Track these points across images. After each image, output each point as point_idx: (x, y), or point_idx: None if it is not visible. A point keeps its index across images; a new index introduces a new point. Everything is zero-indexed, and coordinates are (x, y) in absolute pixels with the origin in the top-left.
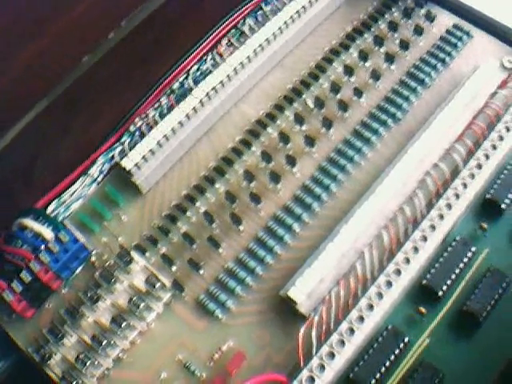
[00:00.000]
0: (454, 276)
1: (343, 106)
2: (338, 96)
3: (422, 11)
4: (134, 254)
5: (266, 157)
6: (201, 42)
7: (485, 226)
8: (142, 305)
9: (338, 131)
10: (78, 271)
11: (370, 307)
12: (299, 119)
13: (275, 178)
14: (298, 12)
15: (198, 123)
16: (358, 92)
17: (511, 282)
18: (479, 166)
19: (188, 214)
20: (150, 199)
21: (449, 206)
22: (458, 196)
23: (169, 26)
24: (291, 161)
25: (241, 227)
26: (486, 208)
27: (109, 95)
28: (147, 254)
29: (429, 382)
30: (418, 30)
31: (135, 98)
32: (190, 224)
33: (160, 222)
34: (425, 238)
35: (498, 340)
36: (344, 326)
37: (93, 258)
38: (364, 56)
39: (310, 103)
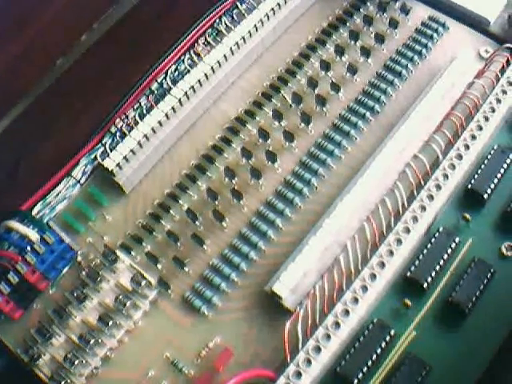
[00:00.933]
0: (438, 267)
1: (321, 100)
2: (316, 91)
3: (397, 4)
4: (120, 253)
5: (247, 153)
6: (178, 42)
7: (467, 216)
8: (129, 303)
9: (317, 126)
10: (64, 271)
11: (355, 300)
12: (278, 115)
13: (256, 174)
14: (273, 9)
15: (177, 122)
16: (336, 86)
17: (495, 271)
18: (459, 157)
19: (171, 212)
20: (133, 198)
21: (430, 197)
22: (439, 187)
23: (144, 26)
24: (271, 157)
25: (224, 224)
26: (468, 198)
27: (88, 97)
28: (132, 253)
29: (416, 375)
30: (394, 23)
31: (115, 99)
32: (174, 222)
33: (144, 221)
34: (408, 230)
35: (485, 330)
36: (329, 319)
37: (79, 258)
38: (340, 51)
39: (289, 99)
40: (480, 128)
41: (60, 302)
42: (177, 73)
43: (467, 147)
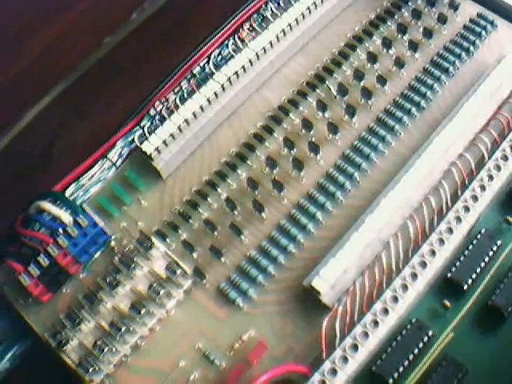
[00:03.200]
0: (478, 270)
1: (367, 93)
2: (362, 83)
3: (446, 0)
4: (155, 240)
5: (289, 143)
6: (222, 26)
7: (510, 219)
8: (162, 292)
9: (362, 119)
10: (96, 256)
11: (395, 299)
12: (322, 106)
13: (298, 165)
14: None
15: (219, 108)
16: (382, 80)
17: None
18: (505, 158)
19: (209, 200)
20: (170, 184)
21: (475, 198)
22: (483, 188)
23: (190, 8)
24: (314, 148)
25: (263, 215)
26: None
27: (128, 78)
28: (168, 240)
29: (452, 377)
30: (442, 19)
31: (155, 81)
32: (212, 210)
33: (181, 208)
34: (450, 230)
35: None
36: (368, 317)
37: (112, 243)
38: (387, 43)
39: (333, 90)
40: None
41: (91, 287)
42: (220, 57)
43: None
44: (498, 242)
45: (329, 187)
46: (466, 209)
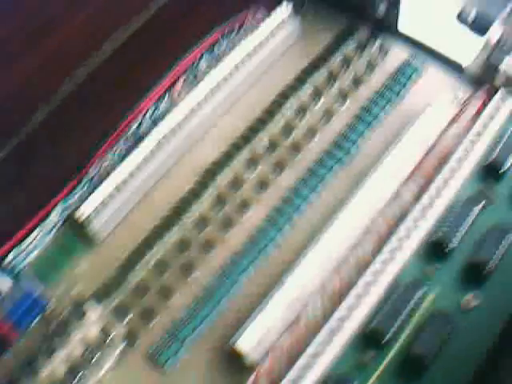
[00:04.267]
0: (401, 320)
1: (295, 148)
2: (290, 137)
3: (376, 46)
4: (89, 305)
5: (219, 202)
6: (155, 84)
7: (432, 268)
8: (96, 356)
9: (290, 175)
10: (34, 323)
11: (317, 355)
12: (252, 163)
13: (226, 224)
14: (252, 49)
15: (152, 169)
16: (311, 131)
17: (457, 323)
18: (430, 205)
19: (142, 262)
20: (105, 248)
21: (398, 248)
22: (407, 238)
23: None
24: (243, 206)
25: (194, 275)
26: (435, 249)
27: (62, 144)
28: (102, 305)
29: None
30: (371, 66)
31: (90, 144)
32: (145, 273)
33: (114, 272)
34: (373, 282)
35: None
36: (292, 373)
37: (49, 309)
38: (318, 93)
39: (261, 147)
40: (452, 175)
41: (28, 354)
42: (153, 116)
43: (438, 195)
44: (420, 292)
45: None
46: (390, 259)
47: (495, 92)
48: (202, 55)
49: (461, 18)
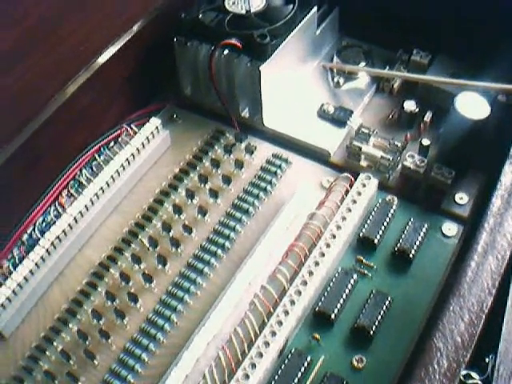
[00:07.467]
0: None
1: (175, 242)
2: (171, 234)
3: (243, 145)
4: None
5: (111, 296)
6: (43, 195)
7: (317, 336)
8: None
9: (174, 266)
10: None
11: None
12: (137, 259)
13: (121, 314)
14: (127, 159)
15: (47, 270)
16: (188, 228)
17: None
18: (304, 283)
19: (47, 353)
20: (12, 343)
21: (280, 323)
22: (287, 312)
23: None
24: (133, 297)
25: (95, 361)
26: (318, 319)
27: None
28: None
29: None
30: (239, 164)
31: None
32: (50, 362)
33: (23, 363)
34: (260, 355)
35: None
36: None
37: None
38: (191, 194)
39: (146, 243)
40: (323, 254)
41: None
42: (44, 224)
43: (311, 273)
44: (308, 358)
45: (150, 330)
46: (273, 333)
47: (357, 175)
48: (81, 169)
49: (320, 114)
